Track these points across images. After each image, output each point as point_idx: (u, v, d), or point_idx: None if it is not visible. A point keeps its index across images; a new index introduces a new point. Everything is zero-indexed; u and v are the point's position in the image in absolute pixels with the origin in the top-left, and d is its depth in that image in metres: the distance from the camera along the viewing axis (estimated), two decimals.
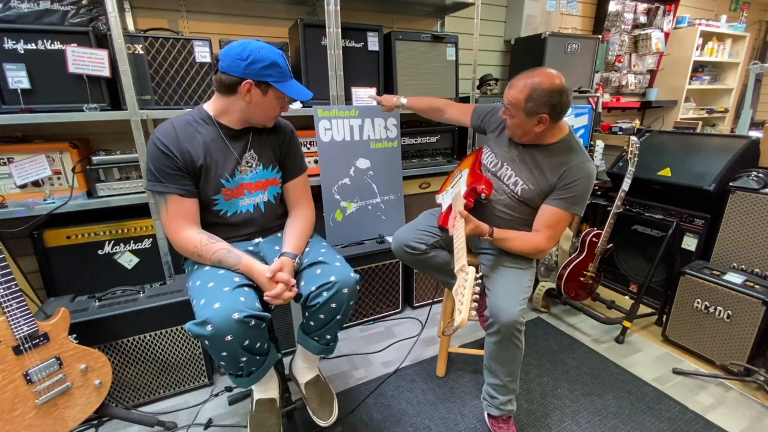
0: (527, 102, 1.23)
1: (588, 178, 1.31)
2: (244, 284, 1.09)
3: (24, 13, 1.49)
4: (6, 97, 1.44)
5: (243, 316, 0.97)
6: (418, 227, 1.51)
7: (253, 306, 1.03)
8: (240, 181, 1.22)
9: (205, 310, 0.98)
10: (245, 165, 1.23)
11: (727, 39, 3.72)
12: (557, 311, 2.25)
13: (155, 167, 1.10)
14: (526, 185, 1.37)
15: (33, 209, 1.50)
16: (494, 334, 1.27)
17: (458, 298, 0.99)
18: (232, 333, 0.97)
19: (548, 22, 2.77)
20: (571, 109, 2.49)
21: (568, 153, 1.33)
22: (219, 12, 1.97)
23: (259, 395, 1.26)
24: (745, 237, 1.80)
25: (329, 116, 1.92)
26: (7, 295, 1.07)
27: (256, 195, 1.27)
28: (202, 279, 1.09)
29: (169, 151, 1.10)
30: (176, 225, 1.14)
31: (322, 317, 1.18)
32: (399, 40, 2.09)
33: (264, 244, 1.29)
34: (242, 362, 1.07)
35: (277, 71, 1.12)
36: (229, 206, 1.23)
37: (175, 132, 1.12)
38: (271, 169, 1.29)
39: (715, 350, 1.75)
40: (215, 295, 1.01)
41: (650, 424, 1.47)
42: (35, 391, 1.13)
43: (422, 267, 1.59)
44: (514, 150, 1.41)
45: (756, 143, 1.96)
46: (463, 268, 1.06)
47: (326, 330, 1.23)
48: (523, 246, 1.35)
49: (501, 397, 1.35)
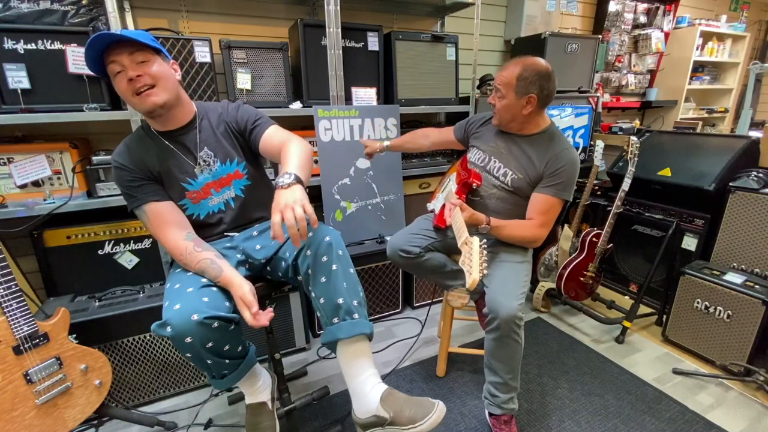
0: (519, 80, 1.31)
1: (572, 164, 1.37)
2: (214, 284, 1.06)
3: (24, 13, 1.49)
4: (6, 97, 1.45)
5: (203, 318, 0.94)
6: (411, 231, 1.54)
7: (219, 306, 1.00)
8: (204, 181, 1.19)
9: (166, 311, 0.96)
10: (203, 164, 1.19)
11: (727, 39, 3.72)
12: (557, 311, 2.25)
13: (122, 186, 1.12)
14: (515, 174, 1.41)
15: (33, 209, 1.50)
16: (494, 330, 1.28)
17: (466, 263, 1.02)
18: (192, 335, 0.94)
19: (548, 22, 2.77)
20: (571, 109, 2.49)
21: (550, 141, 1.40)
22: (219, 12, 1.97)
23: (248, 399, 1.24)
24: (745, 237, 1.80)
25: (329, 116, 1.92)
26: (7, 295, 1.07)
27: (223, 192, 1.23)
28: (172, 281, 1.09)
29: (126, 167, 1.10)
30: (161, 232, 1.12)
31: (324, 280, 1.05)
32: (399, 40, 2.09)
33: (239, 238, 1.25)
34: (209, 364, 1.04)
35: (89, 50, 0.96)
36: (199, 209, 1.21)
37: (127, 149, 1.13)
38: (230, 163, 1.22)
39: (715, 350, 1.75)
40: (178, 296, 1.00)
41: (650, 424, 1.47)
42: (35, 391, 1.13)
43: (418, 270, 1.62)
44: (501, 142, 1.48)
45: (756, 143, 1.96)
46: (466, 240, 1.09)
47: (339, 292, 1.04)
48: (520, 232, 1.38)
49: (502, 395, 1.35)
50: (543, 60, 1.35)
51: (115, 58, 0.98)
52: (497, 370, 1.34)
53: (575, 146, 2.57)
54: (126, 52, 0.98)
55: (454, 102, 2.33)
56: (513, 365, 1.33)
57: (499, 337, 1.27)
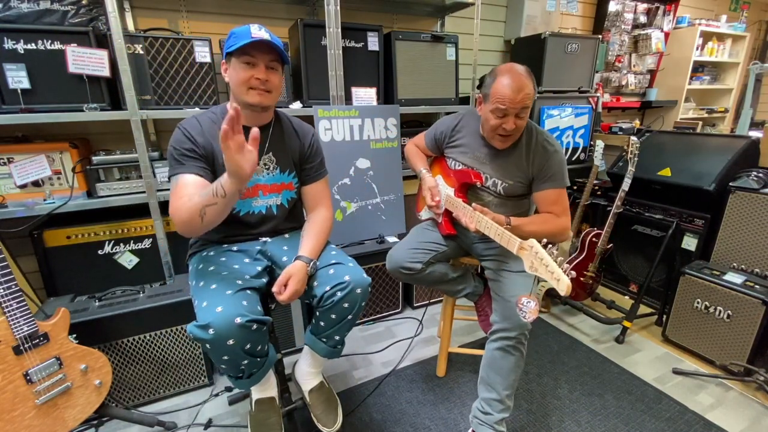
0: (535, 93, 1.25)
1: (556, 152, 1.33)
2: (247, 287, 1.08)
3: (24, 13, 1.49)
4: (6, 97, 1.45)
5: (245, 321, 0.96)
6: (411, 246, 1.47)
7: (255, 310, 1.02)
8: (256, 181, 1.22)
9: (207, 313, 0.96)
10: (262, 166, 1.22)
11: (727, 39, 3.71)
12: (557, 311, 2.25)
13: (177, 150, 1.09)
14: (505, 183, 1.37)
15: (33, 209, 1.50)
16: (500, 339, 1.27)
17: (542, 270, 0.96)
18: (234, 337, 0.96)
19: (548, 22, 2.77)
20: (571, 109, 2.49)
21: (530, 135, 1.34)
22: (219, 12, 1.97)
23: (257, 395, 1.26)
24: (745, 237, 1.80)
25: (329, 116, 1.92)
26: (7, 295, 1.07)
27: (270, 197, 1.26)
28: (205, 280, 1.08)
29: (192, 138, 1.11)
30: (177, 202, 1.02)
31: (334, 317, 1.17)
32: (399, 40, 2.09)
33: (271, 244, 1.28)
34: (243, 365, 1.06)
35: (233, 39, 1.07)
36: (243, 205, 1.23)
37: (201, 126, 1.14)
38: (288, 174, 1.28)
39: (715, 350, 1.75)
40: (218, 298, 1.00)
41: (650, 424, 1.47)
42: (35, 391, 1.13)
43: (420, 283, 1.58)
44: (483, 154, 1.39)
45: (756, 143, 1.96)
46: (522, 245, 1.03)
47: (336, 331, 1.22)
48: (546, 226, 1.31)
49: (496, 413, 1.29)
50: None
51: (257, 55, 1.08)
52: (494, 385, 1.29)
53: (575, 146, 2.58)
54: (268, 56, 1.10)
55: (454, 102, 2.33)
56: (512, 380, 1.29)
57: (505, 347, 1.26)
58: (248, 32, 1.06)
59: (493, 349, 1.30)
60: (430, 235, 1.52)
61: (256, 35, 1.05)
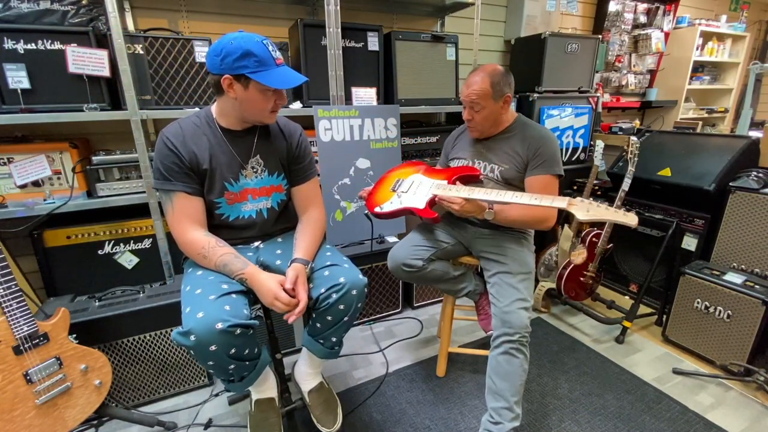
0: (493, 87, 1.36)
1: (550, 140, 1.41)
2: (233, 291, 1.06)
3: (24, 13, 1.49)
4: (6, 97, 1.44)
5: (227, 326, 0.95)
6: (412, 243, 1.52)
7: (239, 314, 1.00)
8: (244, 185, 1.21)
9: (188, 319, 0.96)
10: (250, 170, 1.21)
11: (727, 39, 3.71)
12: (557, 311, 2.25)
13: (163, 165, 1.10)
14: (502, 167, 1.45)
15: (33, 209, 1.50)
16: (503, 344, 1.28)
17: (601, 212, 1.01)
18: (216, 343, 0.95)
19: (548, 22, 2.76)
20: (571, 109, 2.49)
21: (524, 128, 1.46)
22: (219, 12, 1.97)
23: (257, 395, 1.26)
24: (745, 237, 1.80)
25: (329, 116, 1.92)
26: (7, 295, 1.07)
27: (260, 201, 1.25)
28: (192, 284, 1.08)
29: (176, 150, 1.10)
30: (183, 225, 1.12)
31: (330, 319, 1.17)
32: (399, 40, 2.09)
33: (263, 250, 1.27)
34: (231, 369, 1.06)
35: (252, 61, 1.03)
36: (231, 210, 1.22)
37: (183, 133, 1.13)
38: (277, 176, 1.26)
39: (715, 350, 1.75)
40: (200, 303, 0.99)
41: (650, 424, 1.47)
42: (35, 391, 1.13)
43: (421, 281, 1.61)
44: (479, 147, 1.52)
45: (756, 143, 1.96)
46: (571, 202, 1.08)
47: (333, 332, 1.22)
48: (529, 212, 1.35)
49: (507, 423, 1.26)
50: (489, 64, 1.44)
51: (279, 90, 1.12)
52: (502, 392, 1.28)
53: (575, 146, 2.57)
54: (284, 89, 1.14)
55: (454, 102, 2.33)
56: (519, 385, 1.28)
57: (509, 349, 1.27)
58: (270, 57, 1.05)
59: (497, 355, 1.30)
60: (431, 233, 1.55)
61: (286, 75, 1.07)
